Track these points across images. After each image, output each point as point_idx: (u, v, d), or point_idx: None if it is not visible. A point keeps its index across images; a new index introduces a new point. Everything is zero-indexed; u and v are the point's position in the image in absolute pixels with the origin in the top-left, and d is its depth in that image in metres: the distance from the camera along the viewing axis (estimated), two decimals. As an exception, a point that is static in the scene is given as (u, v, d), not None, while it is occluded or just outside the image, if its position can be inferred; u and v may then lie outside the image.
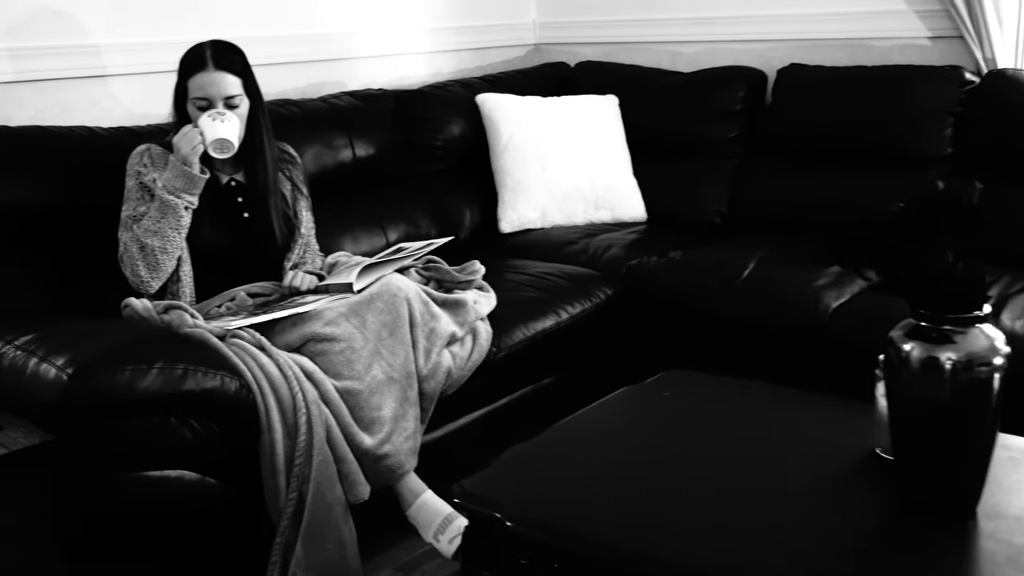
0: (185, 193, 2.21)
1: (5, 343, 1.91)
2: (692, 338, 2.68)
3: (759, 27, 3.44)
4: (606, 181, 3.29)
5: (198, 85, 2.27)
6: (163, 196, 2.19)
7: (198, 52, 2.30)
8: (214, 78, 2.27)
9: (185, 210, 2.22)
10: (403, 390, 2.15)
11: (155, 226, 2.20)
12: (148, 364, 1.78)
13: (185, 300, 2.27)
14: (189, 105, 2.29)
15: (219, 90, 2.28)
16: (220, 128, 2.21)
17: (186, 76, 2.29)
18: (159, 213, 2.20)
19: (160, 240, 2.20)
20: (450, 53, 3.68)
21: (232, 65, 2.31)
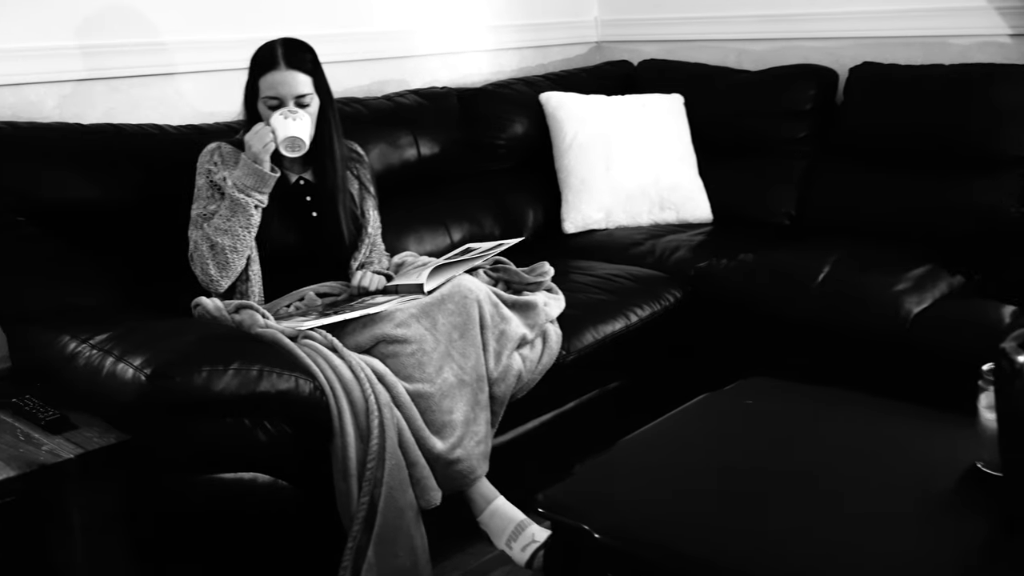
0: (255, 192, 2.19)
1: (80, 342, 1.91)
2: (764, 342, 2.62)
3: (830, 24, 3.36)
4: (671, 181, 3.23)
5: (269, 84, 2.25)
6: (233, 194, 2.18)
7: (269, 50, 2.28)
8: (285, 77, 2.25)
9: (255, 209, 2.20)
10: (474, 393, 2.12)
11: (225, 224, 2.18)
12: (224, 365, 1.76)
13: (254, 299, 2.26)
14: (260, 104, 2.27)
15: (290, 89, 2.26)
16: (292, 126, 2.19)
17: (257, 74, 2.27)
18: (229, 211, 2.19)
19: (230, 239, 2.19)
20: (512, 51, 3.64)
21: (303, 64, 2.29)
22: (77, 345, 1.90)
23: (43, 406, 1.91)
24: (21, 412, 1.93)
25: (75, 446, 1.79)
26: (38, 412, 1.89)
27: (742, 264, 2.75)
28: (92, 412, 1.89)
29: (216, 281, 2.21)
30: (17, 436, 1.85)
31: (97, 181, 2.25)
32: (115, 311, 2.11)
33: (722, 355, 2.69)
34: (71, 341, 1.92)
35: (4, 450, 1.79)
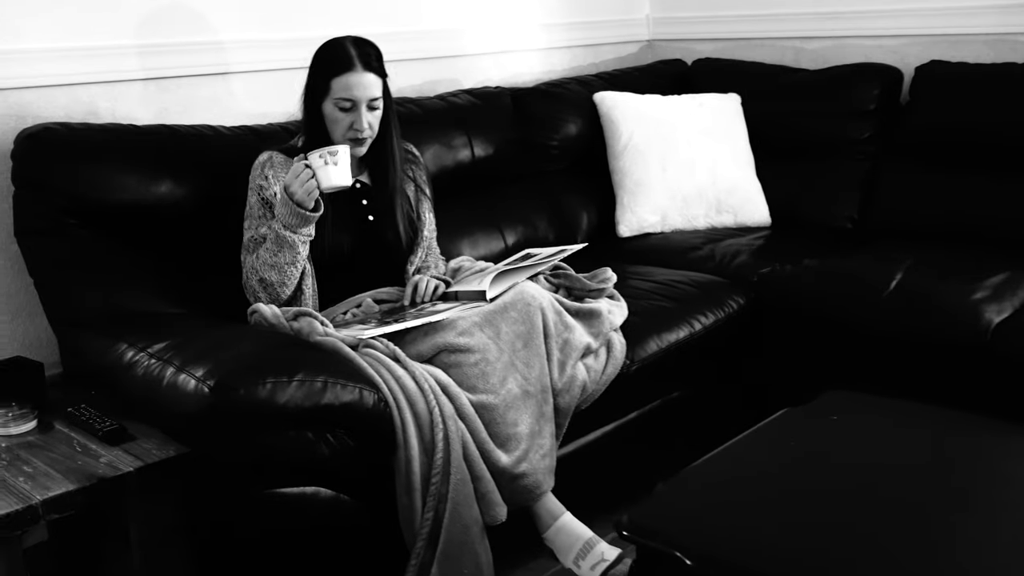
0: (301, 228, 2.10)
1: (138, 351, 1.85)
2: (833, 352, 2.53)
3: (892, 22, 3.25)
4: (729, 183, 3.14)
5: (345, 86, 2.18)
6: (279, 231, 2.11)
7: (342, 50, 2.21)
8: (362, 79, 2.19)
9: (303, 244, 2.12)
10: (539, 405, 2.05)
11: (272, 259, 2.12)
12: (288, 376, 1.69)
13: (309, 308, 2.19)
14: (328, 104, 2.21)
15: (365, 92, 2.19)
16: (333, 174, 2.07)
17: (329, 75, 2.19)
18: (275, 246, 2.11)
19: (278, 274, 2.12)
20: (563, 50, 3.56)
21: (377, 66, 2.23)
22: (135, 354, 1.85)
23: (99, 416, 1.86)
24: (77, 422, 1.88)
25: (134, 458, 1.74)
26: (95, 422, 1.84)
27: (808, 270, 2.66)
28: (149, 422, 1.84)
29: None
30: (74, 447, 1.80)
31: (152, 183, 2.19)
32: (171, 317, 2.06)
33: (788, 364, 2.60)
34: (128, 349, 1.87)
35: (62, 462, 1.74)
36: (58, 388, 2.10)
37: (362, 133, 2.23)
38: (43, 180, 2.09)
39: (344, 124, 2.21)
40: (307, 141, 2.27)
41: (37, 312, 2.32)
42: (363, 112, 2.21)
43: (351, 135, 2.23)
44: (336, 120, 2.21)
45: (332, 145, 2.12)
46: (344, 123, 2.21)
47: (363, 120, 2.21)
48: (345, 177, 2.09)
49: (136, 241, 2.18)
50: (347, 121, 2.21)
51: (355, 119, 2.21)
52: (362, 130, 2.22)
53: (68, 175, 2.10)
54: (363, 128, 2.22)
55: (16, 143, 2.15)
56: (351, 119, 2.21)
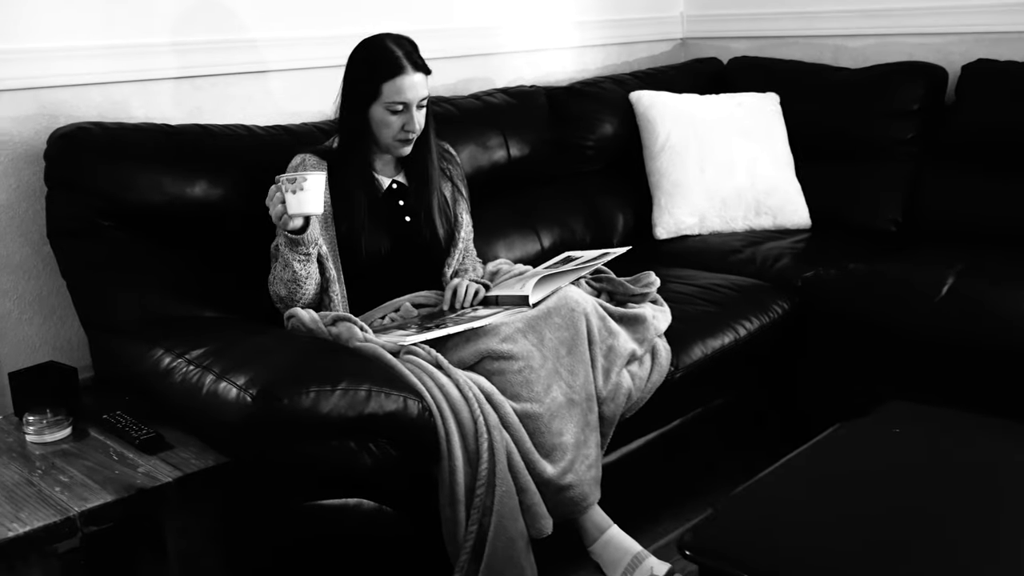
0: (294, 248, 2.03)
1: (175, 356, 1.80)
2: (880, 358, 2.46)
3: (938, 19, 3.17)
4: (768, 185, 3.07)
5: (397, 89, 2.13)
6: (280, 247, 2.05)
7: (388, 52, 2.15)
8: (414, 81, 2.14)
9: (299, 264, 2.04)
10: (584, 414, 1.99)
11: (280, 273, 2.07)
12: (332, 385, 1.64)
13: (344, 312, 2.14)
14: (378, 108, 2.15)
15: (417, 93, 2.15)
16: (298, 202, 1.92)
17: (379, 79, 2.13)
18: (281, 262, 2.06)
19: (286, 290, 2.07)
20: (596, 48, 3.50)
21: (422, 63, 2.19)
22: (172, 360, 1.80)
23: (135, 423, 1.82)
24: (113, 429, 1.83)
25: (172, 468, 1.69)
26: (131, 430, 1.80)
27: (853, 274, 2.59)
28: (186, 430, 1.79)
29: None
30: (111, 456, 1.75)
31: (187, 184, 2.15)
32: (208, 322, 2.01)
33: (834, 371, 2.54)
34: (165, 355, 1.82)
35: (99, 471, 1.69)
36: (91, 393, 2.05)
37: (414, 134, 2.19)
38: (77, 181, 2.05)
39: (395, 127, 2.17)
40: (345, 143, 2.22)
41: (69, 315, 2.28)
42: (414, 113, 2.16)
43: (401, 136, 2.18)
44: (387, 124, 2.16)
45: (307, 171, 2.02)
46: (395, 125, 2.17)
47: (414, 120, 2.17)
48: (313, 205, 1.93)
49: (171, 243, 2.14)
50: (398, 123, 2.17)
51: (407, 120, 2.16)
52: (414, 131, 2.18)
53: (103, 176, 2.06)
54: (415, 129, 2.18)
55: (50, 143, 2.11)
56: (403, 121, 2.16)
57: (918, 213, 2.98)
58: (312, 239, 2.03)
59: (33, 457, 1.77)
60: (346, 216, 2.17)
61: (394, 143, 2.20)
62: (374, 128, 2.19)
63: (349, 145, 2.22)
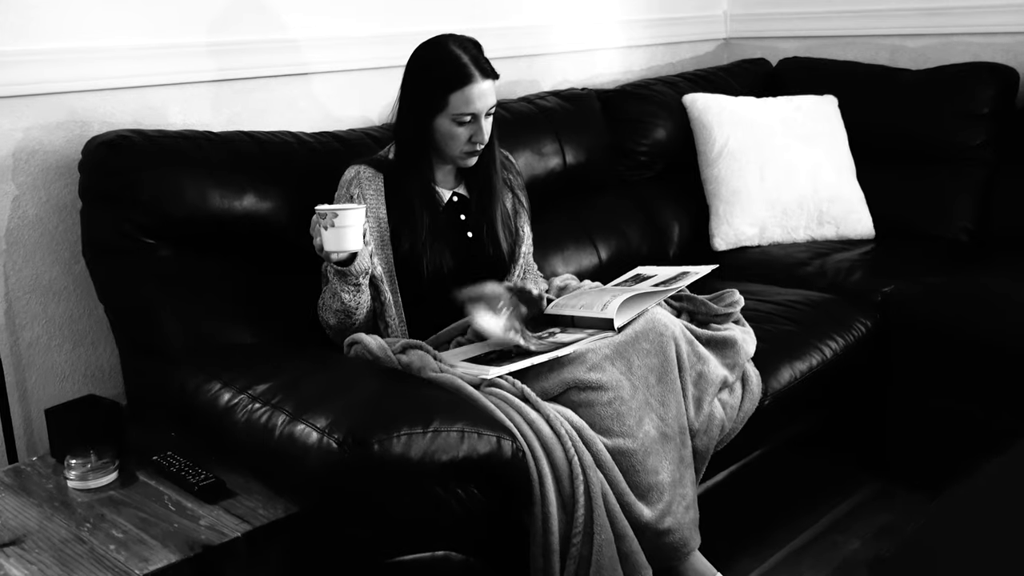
0: (341, 280, 1.87)
1: (236, 391, 1.62)
2: (978, 377, 2.29)
3: (1005, 18, 3.01)
4: (831, 192, 2.90)
5: (466, 100, 1.95)
6: (328, 276, 1.89)
7: (456, 59, 1.96)
8: (483, 89, 1.97)
9: (349, 295, 1.88)
10: (678, 448, 1.81)
11: (329, 301, 1.91)
12: (423, 426, 1.46)
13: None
14: (444, 120, 1.97)
15: (486, 102, 1.98)
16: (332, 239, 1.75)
17: (447, 89, 1.95)
18: (330, 290, 1.90)
19: (336, 319, 1.91)
20: (642, 48, 3.32)
21: (490, 69, 2.01)
22: (233, 395, 1.61)
23: (191, 466, 1.63)
24: (165, 473, 1.64)
25: (238, 520, 1.50)
26: (187, 474, 1.61)
27: (939, 288, 2.42)
28: (247, 474, 1.60)
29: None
30: (166, 505, 1.56)
31: (237, 196, 1.96)
32: (266, 350, 1.83)
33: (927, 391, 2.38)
34: (224, 390, 1.63)
35: (155, 524, 1.50)
36: (129, 427, 1.86)
37: (482, 145, 2.01)
38: (119, 194, 1.86)
39: (463, 138, 1.99)
40: (404, 154, 2.04)
41: (101, 340, 2.10)
42: (483, 123, 1.99)
43: (468, 148, 2.01)
44: (454, 136, 1.99)
45: (346, 204, 1.86)
46: (463, 137, 1.99)
47: (483, 131, 2.00)
48: (352, 242, 1.76)
49: (221, 261, 1.95)
50: (466, 135, 1.99)
51: (475, 131, 1.99)
52: (483, 141, 2.01)
53: (148, 188, 1.87)
54: (484, 140, 2.01)
55: (85, 153, 1.92)
56: (470, 132, 1.99)
57: (994, 222, 2.81)
58: (361, 269, 1.86)
59: (77, 506, 1.58)
60: (408, 234, 1.99)
61: (460, 155, 2.03)
62: (438, 140, 2.01)
63: (409, 156, 2.04)
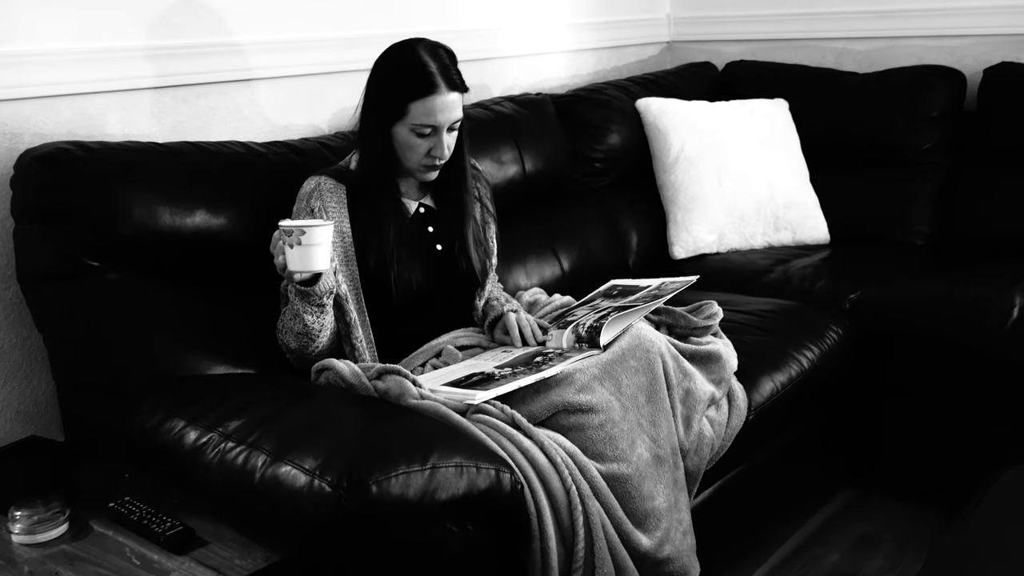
0: (303, 301, 1.74)
1: (206, 429, 1.47)
2: (955, 383, 2.28)
3: (950, 21, 3.02)
4: (787, 197, 2.87)
5: (426, 111, 1.82)
6: (289, 296, 1.75)
7: (421, 67, 1.84)
8: (446, 102, 1.84)
9: (311, 317, 1.75)
10: (671, 471, 1.73)
11: (290, 323, 1.77)
12: (421, 463, 1.34)
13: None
14: (403, 129, 1.85)
15: (450, 116, 1.85)
16: (298, 258, 1.62)
17: (407, 97, 1.83)
18: (290, 311, 1.76)
19: (297, 343, 1.78)
20: (589, 52, 3.25)
21: (459, 81, 1.88)
22: (201, 434, 1.46)
23: (155, 513, 1.47)
24: (125, 521, 1.48)
25: (214, 572, 1.36)
26: (151, 523, 1.45)
27: (906, 293, 2.40)
28: (215, 518, 1.45)
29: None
30: (130, 559, 1.41)
31: (188, 212, 1.81)
32: (230, 381, 1.68)
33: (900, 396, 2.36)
34: (190, 428, 1.49)
35: (121, 583, 1.35)
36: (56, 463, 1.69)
37: (442, 159, 1.89)
38: (60, 212, 1.69)
39: (420, 151, 1.87)
40: (368, 163, 1.91)
41: (35, 372, 1.92)
42: (444, 137, 1.87)
43: (427, 162, 1.89)
44: (411, 147, 1.87)
45: (310, 219, 1.72)
46: (420, 150, 1.87)
47: (443, 146, 1.87)
48: (318, 261, 1.63)
49: (174, 283, 1.79)
50: (424, 147, 1.87)
51: (434, 145, 1.87)
52: (442, 157, 1.88)
53: (92, 206, 1.71)
54: (444, 155, 1.88)
55: (19, 167, 1.74)
56: (429, 145, 1.87)
57: (949, 225, 2.81)
58: (325, 289, 1.73)
59: (25, 563, 1.42)
60: (373, 249, 1.87)
61: (418, 168, 1.91)
62: (396, 149, 1.89)
63: (372, 165, 1.91)
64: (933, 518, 2.35)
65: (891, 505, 2.43)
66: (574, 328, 1.85)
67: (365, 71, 1.91)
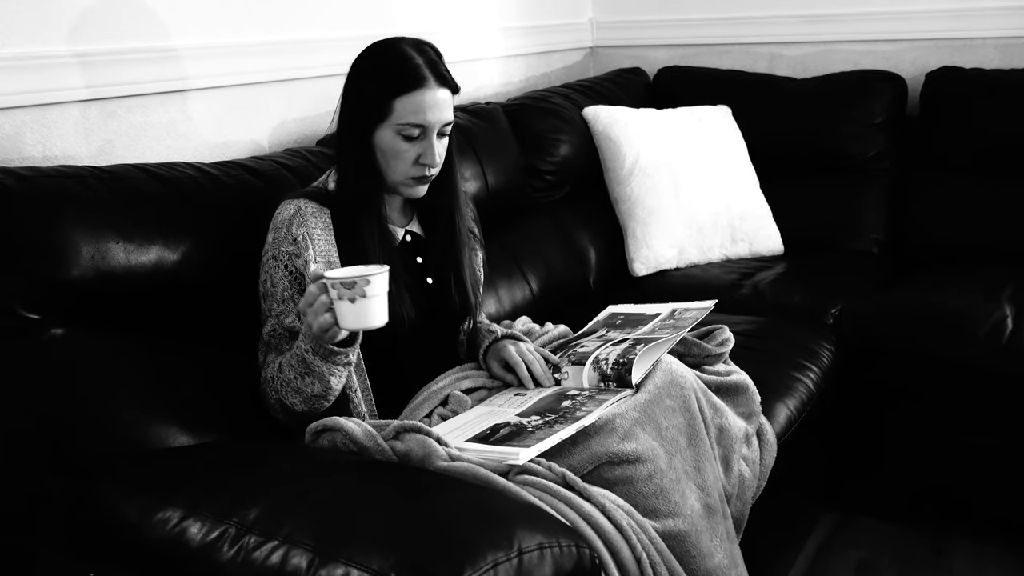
0: (332, 359, 1.49)
1: (214, 520, 1.17)
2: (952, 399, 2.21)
3: (884, 25, 2.99)
4: (743, 208, 2.76)
5: (414, 108, 1.58)
6: (304, 354, 1.48)
7: (407, 59, 1.60)
8: (437, 99, 1.60)
9: (336, 378, 1.51)
10: (723, 522, 1.55)
11: (298, 383, 1.51)
12: (507, 549, 1.10)
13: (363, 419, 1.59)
14: (387, 131, 1.60)
15: (440, 115, 1.61)
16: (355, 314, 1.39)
17: (391, 93, 1.59)
18: (302, 368, 1.49)
19: (306, 406, 1.53)
20: (519, 58, 3.06)
21: (451, 78, 1.65)
22: (210, 526, 1.17)
23: (151, 630, 1.18)
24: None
25: None
26: (149, 643, 1.16)
27: (891, 306, 2.32)
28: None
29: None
30: None
31: (144, 249, 1.50)
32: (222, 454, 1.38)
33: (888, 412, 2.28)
34: (192, 519, 1.19)
35: None
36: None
37: (433, 169, 1.65)
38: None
39: (408, 158, 1.62)
40: (350, 182, 1.65)
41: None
42: (434, 140, 1.63)
43: (415, 173, 1.64)
44: (397, 153, 1.62)
45: (363, 265, 1.45)
46: (409, 156, 1.62)
47: (434, 151, 1.63)
48: (380, 315, 1.40)
49: (128, 336, 1.49)
50: (412, 154, 1.62)
51: (424, 150, 1.62)
52: (433, 164, 1.64)
53: (27, 247, 1.38)
54: (435, 162, 1.64)
55: (-71, 201, 1.40)
56: (419, 150, 1.62)
57: (902, 232, 2.75)
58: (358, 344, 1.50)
59: None
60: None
61: (405, 181, 1.65)
62: (379, 159, 1.64)
63: (352, 182, 1.65)
64: (924, 538, 2.28)
65: (877, 526, 2.35)
66: (595, 364, 1.64)
67: (301, 79, 1.68)
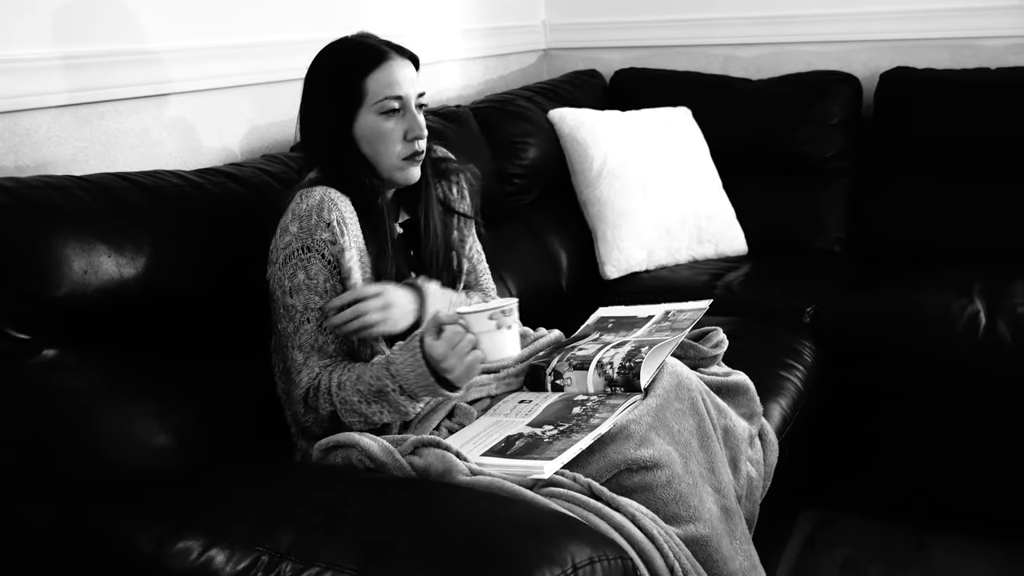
0: (424, 396, 1.48)
1: (243, 548, 1.11)
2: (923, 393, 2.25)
3: (838, 26, 3.03)
4: (709, 209, 2.77)
5: (388, 80, 1.58)
6: (392, 396, 1.45)
7: (363, 43, 1.63)
8: (404, 71, 1.61)
9: (416, 409, 1.50)
10: (740, 524, 1.54)
11: (364, 408, 1.47)
12: (561, 565, 1.06)
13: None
14: (368, 114, 1.58)
15: (413, 85, 1.62)
16: (506, 342, 1.45)
17: (360, 74, 1.58)
18: (373, 397, 1.46)
19: (362, 422, 1.48)
20: (479, 60, 3.02)
21: (412, 56, 1.66)
22: (240, 555, 1.11)
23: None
24: None
25: None
26: None
27: (865, 306, 2.34)
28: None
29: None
30: None
31: (135, 262, 1.42)
32: (235, 476, 1.31)
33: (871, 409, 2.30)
34: (218, 548, 1.12)
35: None
36: None
37: (423, 140, 1.63)
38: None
39: (396, 136, 1.61)
40: (331, 176, 1.60)
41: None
42: (415, 112, 1.63)
43: (407, 150, 1.61)
44: (383, 134, 1.59)
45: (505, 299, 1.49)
46: (396, 135, 1.61)
47: (418, 121, 1.63)
48: (513, 343, 1.47)
49: (123, 355, 1.40)
50: (399, 131, 1.61)
51: (409, 123, 1.61)
52: (421, 135, 1.63)
53: (16, 263, 1.29)
54: (422, 132, 1.63)
55: (-93, 216, 1.30)
56: (404, 126, 1.61)
57: (865, 231, 2.79)
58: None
59: None
60: (387, 275, 1.60)
61: (399, 164, 1.62)
62: (367, 150, 1.60)
63: (339, 180, 1.60)
64: (907, 534, 2.31)
65: (859, 522, 2.36)
66: (599, 369, 1.62)
67: (271, 83, 1.61)
